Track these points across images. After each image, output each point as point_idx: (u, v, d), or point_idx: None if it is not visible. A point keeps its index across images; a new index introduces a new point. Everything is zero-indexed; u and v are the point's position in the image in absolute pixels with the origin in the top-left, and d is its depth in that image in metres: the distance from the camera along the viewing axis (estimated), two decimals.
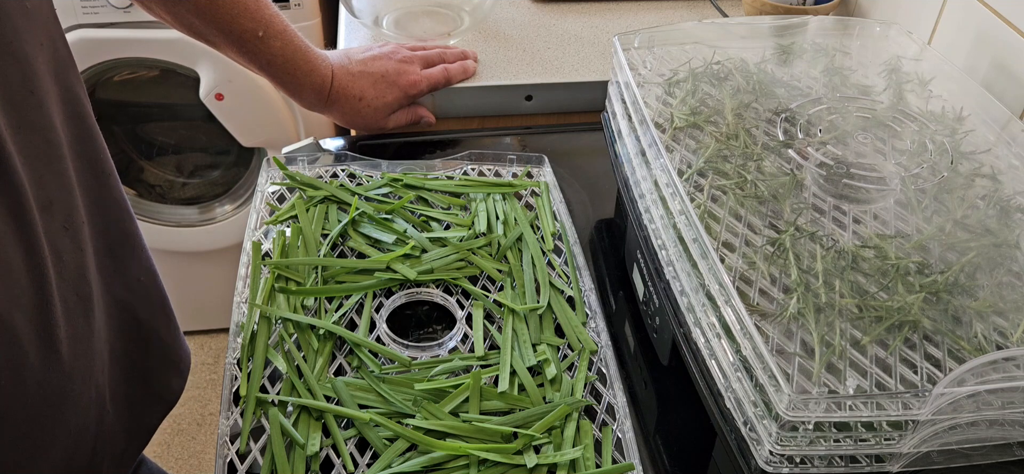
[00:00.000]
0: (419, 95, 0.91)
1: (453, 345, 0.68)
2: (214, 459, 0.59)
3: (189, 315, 1.91)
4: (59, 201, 0.53)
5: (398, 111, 0.90)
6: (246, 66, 0.82)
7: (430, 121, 0.94)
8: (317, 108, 0.86)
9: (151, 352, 0.67)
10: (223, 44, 0.79)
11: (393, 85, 0.87)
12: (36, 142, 0.51)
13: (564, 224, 0.79)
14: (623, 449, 0.60)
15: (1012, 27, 0.79)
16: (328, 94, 0.84)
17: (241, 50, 0.79)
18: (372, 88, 0.86)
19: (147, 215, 1.74)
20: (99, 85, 1.60)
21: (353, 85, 0.85)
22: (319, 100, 0.84)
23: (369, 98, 0.86)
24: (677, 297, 0.59)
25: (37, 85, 0.51)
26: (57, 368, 0.52)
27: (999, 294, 0.57)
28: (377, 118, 0.88)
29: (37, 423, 0.51)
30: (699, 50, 0.80)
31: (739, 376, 0.51)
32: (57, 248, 0.52)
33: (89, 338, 0.56)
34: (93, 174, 0.59)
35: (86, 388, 0.56)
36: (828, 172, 0.66)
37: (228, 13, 0.76)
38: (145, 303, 0.66)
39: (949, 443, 0.50)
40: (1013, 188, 0.65)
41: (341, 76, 0.85)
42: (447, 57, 0.95)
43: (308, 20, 1.47)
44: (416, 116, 0.92)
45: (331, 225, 0.76)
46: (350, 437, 0.59)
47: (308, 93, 0.83)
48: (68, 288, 0.53)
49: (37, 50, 0.52)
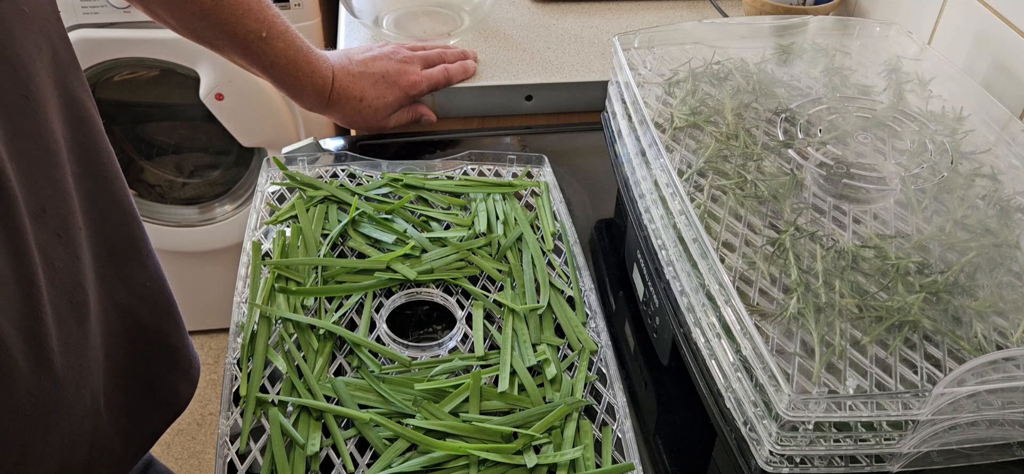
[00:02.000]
0: (419, 95, 0.91)
1: (453, 345, 0.68)
2: (214, 459, 0.59)
3: (189, 315, 1.91)
4: (53, 207, 0.53)
5: (399, 110, 0.90)
6: (248, 69, 0.82)
7: (431, 119, 0.94)
8: (318, 109, 0.86)
9: (156, 357, 0.67)
10: (226, 47, 0.79)
11: (394, 85, 0.87)
12: (30, 148, 0.51)
13: (564, 224, 0.79)
14: (623, 449, 0.60)
15: (1012, 27, 0.79)
16: (329, 95, 0.84)
17: (244, 52, 0.79)
18: (373, 89, 0.86)
19: (147, 215, 1.74)
20: (99, 85, 1.60)
21: (354, 86, 0.85)
22: (320, 101, 0.84)
23: (370, 99, 0.86)
24: (677, 297, 0.59)
25: (33, 89, 0.51)
26: (48, 375, 0.52)
27: (999, 294, 0.57)
28: (378, 118, 0.88)
29: (28, 430, 0.51)
30: (699, 50, 0.80)
31: (739, 376, 0.51)
32: (49, 255, 0.52)
33: (83, 345, 0.56)
34: (95, 179, 0.58)
35: (80, 395, 0.56)
36: (828, 172, 0.66)
37: (232, 14, 0.76)
38: (150, 308, 0.66)
39: (949, 443, 0.50)
40: (1013, 188, 0.65)
41: (342, 77, 0.85)
42: (447, 57, 0.95)
43: (308, 20, 1.47)
44: (416, 114, 0.92)
45: (331, 225, 0.76)
46: (350, 437, 0.59)
47: (309, 94, 0.83)
48: (60, 296, 0.53)
49: (34, 54, 0.51)
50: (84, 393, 0.56)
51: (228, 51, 0.80)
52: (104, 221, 0.60)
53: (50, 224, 0.52)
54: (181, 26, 0.78)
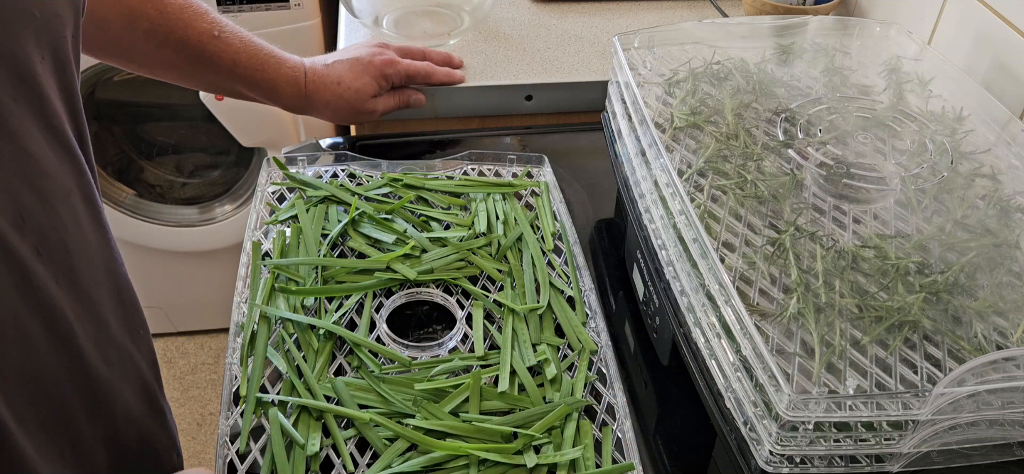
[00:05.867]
0: (397, 76, 0.88)
1: (453, 345, 0.68)
2: (214, 459, 0.59)
3: (189, 315, 1.91)
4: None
5: (383, 96, 0.88)
6: (216, 86, 0.80)
7: (420, 101, 0.92)
8: (298, 105, 0.84)
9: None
10: (186, 61, 0.77)
11: (368, 65, 0.86)
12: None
13: (564, 224, 0.79)
14: (623, 449, 0.60)
15: (1012, 27, 0.79)
16: (305, 86, 0.83)
17: (203, 60, 0.77)
18: (349, 72, 0.85)
19: (147, 215, 1.74)
20: (99, 85, 1.60)
21: (329, 72, 0.84)
22: (298, 94, 0.83)
23: (348, 81, 0.84)
24: (677, 297, 0.59)
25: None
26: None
27: (999, 294, 0.57)
28: (361, 101, 0.86)
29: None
30: (699, 50, 0.80)
31: (739, 376, 0.51)
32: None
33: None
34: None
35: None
36: (828, 172, 0.66)
37: (179, 19, 0.75)
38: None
39: (949, 443, 0.50)
40: (1013, 188, 0.65)
41: (314, 67, 0.83)
42: (431, 56, 0.93)
43: (308, 20, 1.47)
44: (405, 99, 0.90)
45: (331, 225, 0.76)
46: (350, 437, 0.59)
47: (284, 87, 0.82)
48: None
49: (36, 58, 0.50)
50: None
51: (190, 67, 0.78)
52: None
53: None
54: (141, 59, 0.76)
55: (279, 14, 1.42)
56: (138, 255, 1.74)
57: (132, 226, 1.70)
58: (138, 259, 1.74)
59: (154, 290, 1.83)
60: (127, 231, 1.69)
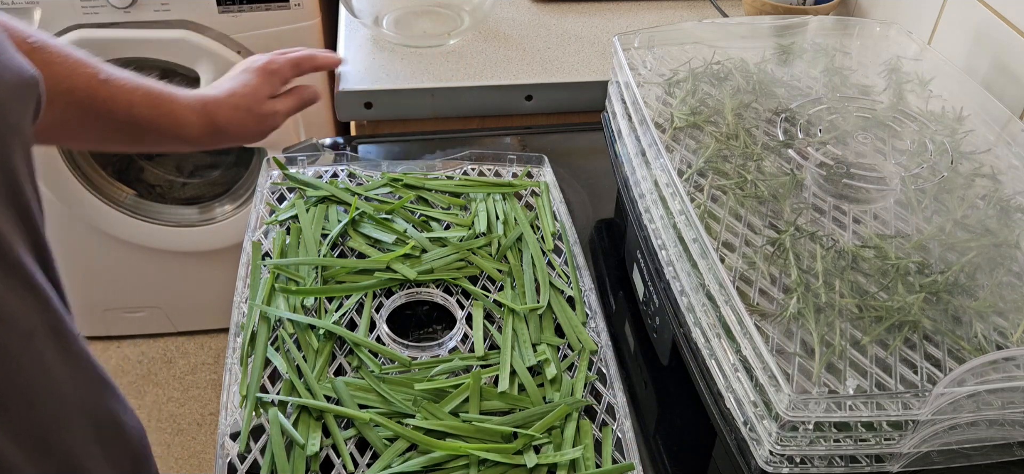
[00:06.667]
0: (283, 68, 0.85)
1: (453, 345, 0.68)
2: (214, 459, 0.59)
3: (189, 315, 1.91)
4: None
5: (277, 98, 0.85)
6: (116, 139, 0.76)
7: (316, 96, 0.89)
8: (204, 132, 0.80)
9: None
10: (76, 115, 0.72)
11: (253, 70, 0.84)
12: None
13: (564, 224, 0.79)
14: (623, 449, 0.60)
15: (1012, 27, 0.79)
16: (205, 108, 0.79)
17: (96, 107, 0.72)
18: (237, 82, 0.82)
19: (147, 215, 1.73)
20: None
21: (220, 89, 0.81)
22: (203, 119, 0.79)
23: (238, 89, 0.82)
24: (677, 297, 0.59)
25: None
26: None
27: (999, 294, 0.57)
28: (258, 102, 0.83)
29: None
30: (699, 50, 0.80)
31: (739, 376, 0.51)
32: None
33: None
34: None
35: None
36: (828, 172, 0.66)
37: (62, 69, 0.70)
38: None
39: (949, 443, 0.50)
40: (1013, 188, 0.65)
41: (207, 92, 0.81)
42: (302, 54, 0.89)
43: (308, 20, 1.47)
44: (299, 95, 0.87)
45: (331, 225, 0.76)
46: (350, 437, 0.59)
47: (188, 116, 0.78)
48: None
49: None
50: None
51: (83, 120, 0.73)
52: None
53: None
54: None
55: (279, 14, 1.42)
56: (138, 255, 1.74)
57: (132, 226, 1.70)
58: (138, 259, 1.74)
59: (154, 290, 1.83)
60: (127, 231, 1.69)
